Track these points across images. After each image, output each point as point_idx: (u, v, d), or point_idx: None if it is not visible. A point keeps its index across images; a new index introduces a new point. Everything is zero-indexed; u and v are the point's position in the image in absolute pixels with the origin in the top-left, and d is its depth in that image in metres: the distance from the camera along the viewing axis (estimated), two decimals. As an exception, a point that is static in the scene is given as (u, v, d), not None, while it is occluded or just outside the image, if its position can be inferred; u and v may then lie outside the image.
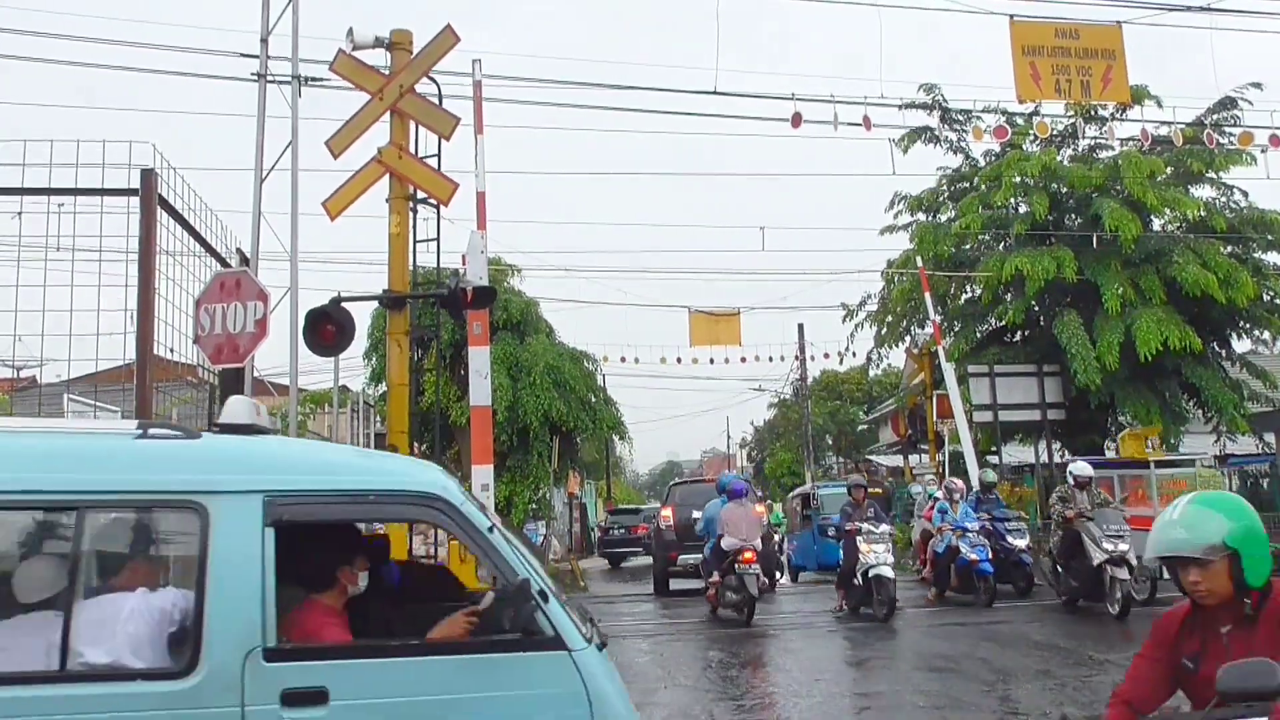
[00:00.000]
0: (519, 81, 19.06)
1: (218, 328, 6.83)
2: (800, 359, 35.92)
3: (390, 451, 7.78)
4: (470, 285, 8.73)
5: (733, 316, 24.29)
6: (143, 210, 6.41)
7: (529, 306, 23.54)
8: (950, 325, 24.84)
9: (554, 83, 16.64)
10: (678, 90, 31.41)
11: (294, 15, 11.84)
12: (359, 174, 8.55)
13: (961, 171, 25.05)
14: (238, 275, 7.06)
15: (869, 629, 12.51)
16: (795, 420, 45.79)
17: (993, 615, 13.12)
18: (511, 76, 18.17)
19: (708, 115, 19.59)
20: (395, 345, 8.16)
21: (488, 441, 11.31)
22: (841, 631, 12.58)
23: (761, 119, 26.13)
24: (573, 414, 22.26)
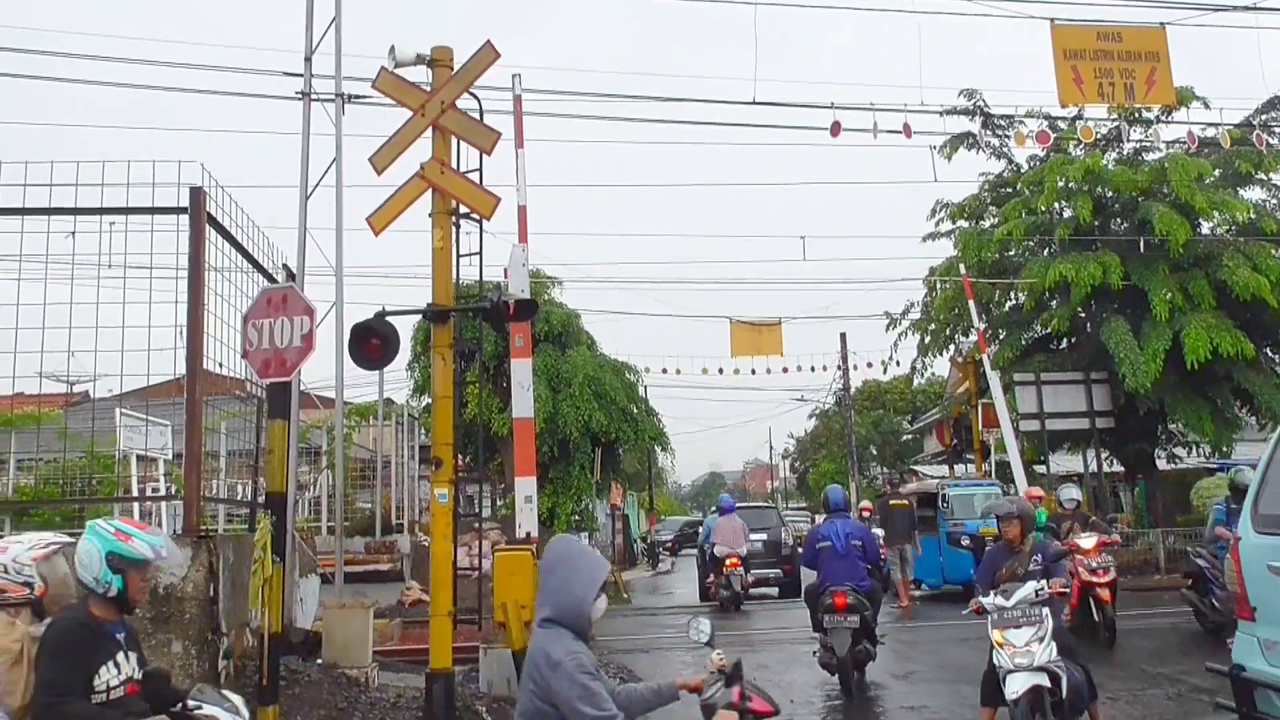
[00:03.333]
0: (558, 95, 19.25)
1: (265, 342, 6.91)
2: (843, 368, 35.72)
3: (436, 463, 7.83)
4: (512, 298, 8.77)
5: (774, 326, 24.23)
6: (192, 228, 6.53)
7: (570, 318, 23.63)
8: (995, 333, 24.56)
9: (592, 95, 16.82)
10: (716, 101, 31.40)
11: (337, 34, 12.05)
12: (402, 189, 8.63)
13: (1004, 177, 24.79)
14: (284, 291, 7.14)
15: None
16: (838, 430, 45.48)
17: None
18: (550, 90, 18.32)
19: (747, 125, 19.62)
20: (439, 358, 8.22)
21: (530, 453, 11.37)
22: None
23: (801, 128, 26.01)
24: (614, 425, 22.30)
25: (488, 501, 26.09)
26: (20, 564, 3.85)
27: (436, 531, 7.95)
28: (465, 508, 23.87)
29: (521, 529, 11.05)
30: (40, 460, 11.57)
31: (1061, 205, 23.04)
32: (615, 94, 32.71)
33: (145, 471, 11.40)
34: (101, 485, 11.61)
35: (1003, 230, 22.80)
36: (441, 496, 7.91)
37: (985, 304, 24.20)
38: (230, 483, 11.58)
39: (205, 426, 6.95)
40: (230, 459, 11.21)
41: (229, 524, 11.60)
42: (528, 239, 12.23)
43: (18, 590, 3.83)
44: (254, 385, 8.08)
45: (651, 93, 34.75)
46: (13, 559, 3.86)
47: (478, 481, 20.77)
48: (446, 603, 7.76)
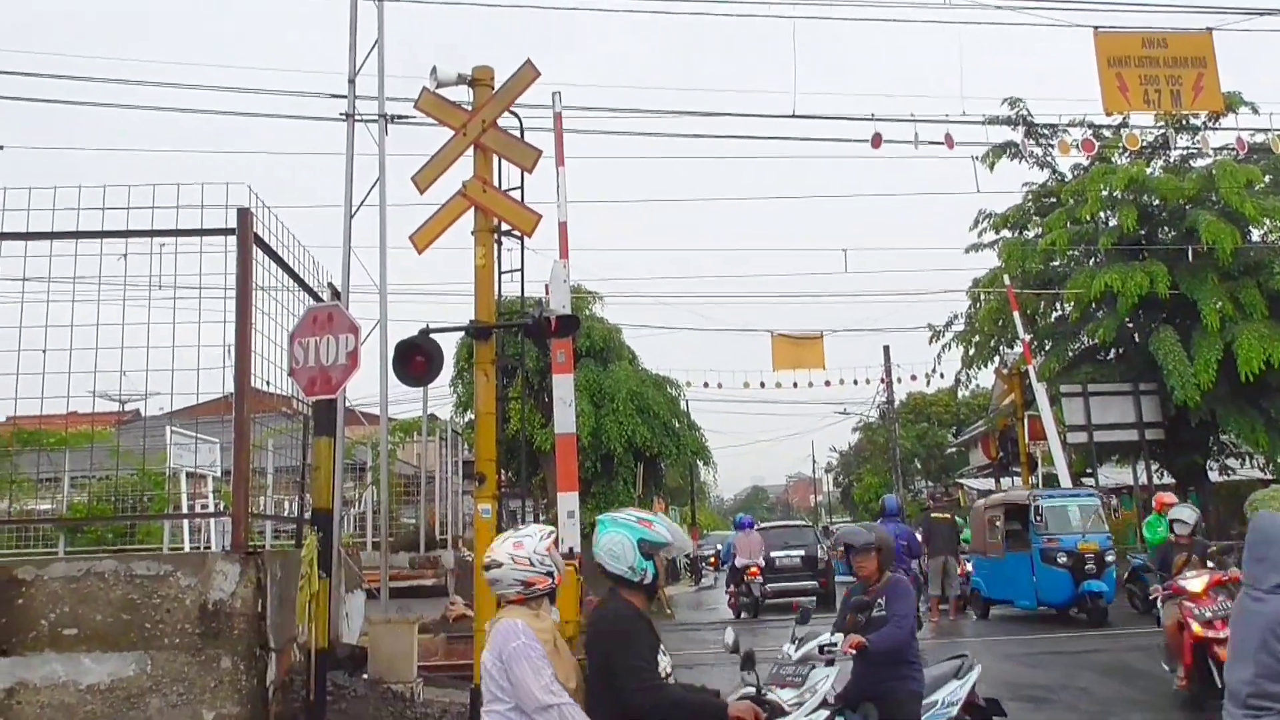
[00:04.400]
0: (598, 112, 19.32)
1: (311, 360, 7.00)
2: (886, 381, 35.43)
3: (480, 479, 7.87)
4: (554, 314, 8.82)
5: (816, 340, 24.09)
6: (239, 249, 6.62)
7: (611, 333, 23.68)
8: (1040, 344, 24.26)
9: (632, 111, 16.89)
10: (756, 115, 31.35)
11: (380, 56, 12.23)
12: (444, 208, 8.71)
13: (1048, 186, 24.53)
14: (329, 309, 7.23)
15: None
16: (882, 444, 45.08)
17: (1087, 644, 12.67)
18: (591, 107, 18.42)
19: (787, 138, 19.57)
20: (482, 374, 8.27)
21: (573, 468, 11.37)
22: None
23: (841, 140, 25.84)
24: (656, 439, 22.29)
25: (531, 517, 26.13)
26: (541, 555, 3.90)
27: (480, 547, 7.98)
28: (508, 523, 23.84)
29: (564, 544, 11.05)
30: (93, 478, 11.78)
31: (1106, 214, 22.74)
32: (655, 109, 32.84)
33: (194, 488, 11.57)
34: (152, 502, 11.80)
35: (1047, 240, 22.53)
36: (485, 512, 7.95)
37: (1030, 315, 23.92)
38: (277, 499, 11.72)
39: (253, 444, 7.03)
40: (277, 476, 11.35)
41: (276, 540, 11.72)
42: (569, 255, 12.27)
43: (543, 581, 3.89)
44: (300, 402, 8.17)
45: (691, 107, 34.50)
46: (533, 550, 3.90)
47: (520, 497, 20.80)
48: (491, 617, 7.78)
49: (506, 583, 3.86)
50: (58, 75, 13.69)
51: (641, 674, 3.64)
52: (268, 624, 6.26)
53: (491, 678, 3.71)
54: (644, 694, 3.62)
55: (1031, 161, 23.88)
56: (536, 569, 3.86)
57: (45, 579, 5.96)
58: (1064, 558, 15.17)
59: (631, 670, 3.65)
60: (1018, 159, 23.50)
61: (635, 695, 3.61)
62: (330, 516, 7.63)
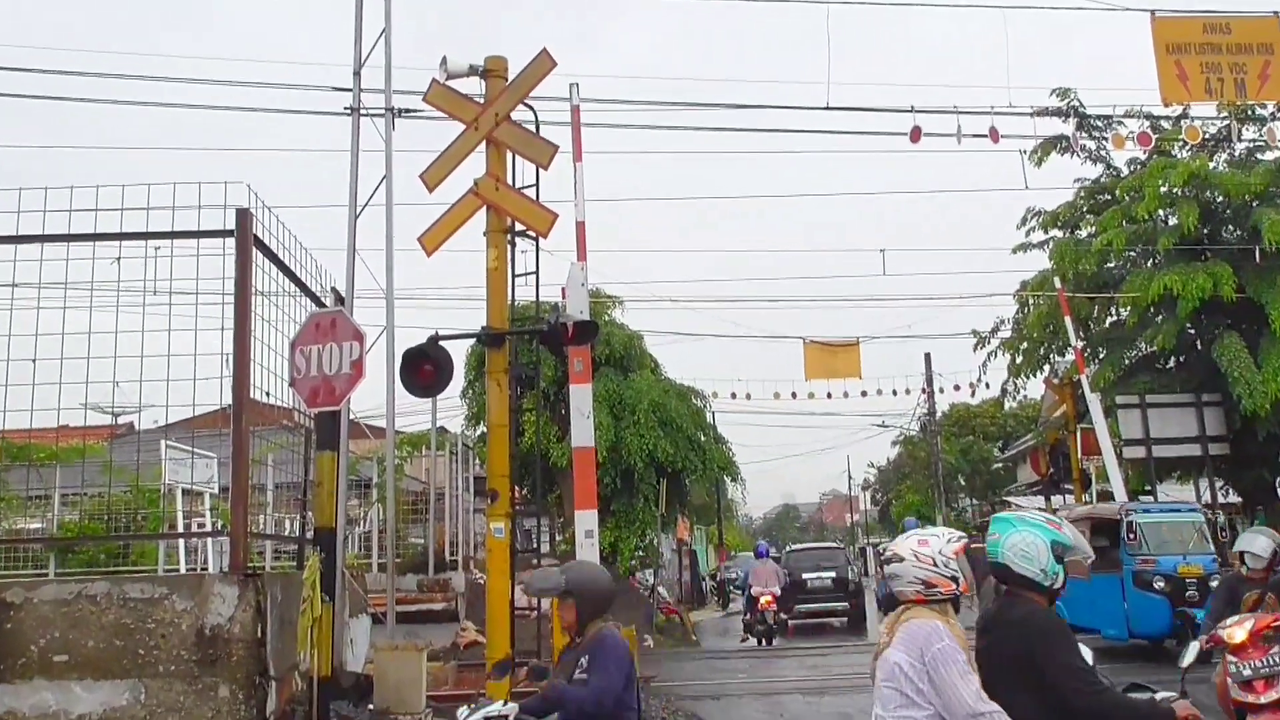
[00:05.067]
0: (618, 105, 19.35)
1: (313, 370, 7.04)
2: (928, 391, 35.29)
3: (492, 496, 7.89)
4: (571, 320, 8.84)
5: (851, 347, 24.02)
6: (238, 251, 6.67)
7: (632, 340, 23.67)
8: (1094, 351, 24.08)
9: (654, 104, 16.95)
10: (787, 107, 31.51)
11: (387, 47, 12.33)
12: (455, 207, 8.75)
13: (1102, 183, 24.37)
14: (333, 315, 7.28)
15: None
16: (923, 459, 44.87)
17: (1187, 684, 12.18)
18: (610, 100, 18.36)
19: (820, 132, 19.60)
20: (494, 384, 8.29)
21: (591, 484, 11.38)
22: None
23: (878, 134, 25.94)
24: (680, 454, 22.25)
25: (546, 536, 26.13)
26: (946, 557, 3.92)
27: (493, 568, 8.00)
28: (523, 543, 23.87)
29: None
30: (85, 495, 11.90)
31: (1165, 212, 22.56)
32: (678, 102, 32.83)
33: (191, 506, 11.65)
34: (147, 521, 11.90)
35: (1101, 240, 22.39)
36: (498, 531, 7.97)
37: (1083, 320, 23.75)
38: (277, 517, 11.78)
39: (252, 459, 7.07)
40: (277, 492, 11.41)
41: (277, 561, 11.78)
42: (586, 257, 12.31)
43: (946, 585, 3.90)
44: (302, 415, 8.22)
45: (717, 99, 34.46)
46: (938, 551, 3.92)
47: (536, 515, 20.86)
48: (503, 645, 7.79)
49: (906, 579, 3.89)
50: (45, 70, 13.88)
51: (1084, 675, 3.76)
52: (268, 650, 6.29)
53: (907, 679, 3.73)
54: (1088, 696, 3.72)
55: (1084, 156, 23.74)
56: (940, 570, 3.89)
57: (35, 602, 6.02)
58: (1161, 582, 14.22)
59: (1073, 671, 3.76)
60: (1069, 153, 23.35)
61: (1079, 696, 3.71)
62: (334, 536, 7.67)
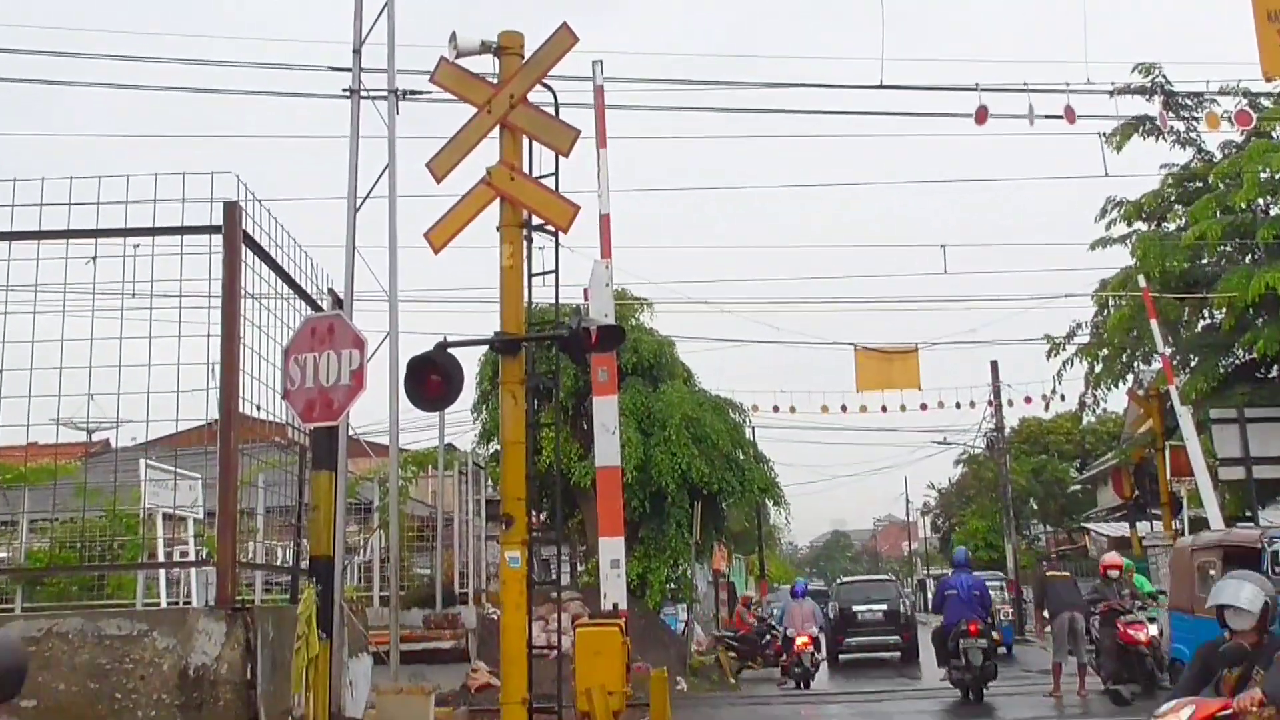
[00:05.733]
0: (646, 85, 19.37)
1: (309, 380, 7.08)
2: (995, 404, 35.05)
3: (507, 521, 7.89)
4: (594, 324, 8.82)
5: (909, 354, 23.92)
6: (226, 249, 6.72)
7: (662, 347, 23.67)
8: (1185, 359, 23.87)
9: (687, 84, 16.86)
10: (836, 86, 31.31)
11: (389, 22, 12.35)
12: (465, 199, 8.77)
13: (1192, 168, 24.18)
14: (330, 320, 7.32)
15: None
16: (990, 480, 44.54)
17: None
18: (638, 79, 18.42)
19: (873, 114, 19.38)
20: (509, 396, 8.30)
21: (617, 507, 11.38)
22: None
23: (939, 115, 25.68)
24: (716, 474, 22.21)
25: (567, 566, 26.09)
26: None
27: (508, 602, 8.00)
28: (541, 574, 23.87)
29: (607, 599, 11.04)
30: (56, 520, 11.99)
31: (1266, 201, 22.35)
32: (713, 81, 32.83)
33: (173, 532, 11.72)
34: (124, 549, 11.98)
35: (1192, 233, 22.19)
36: (513, 560, 7.97)
37: (1172, 323, 23.54)
38: (269, 545, 11.84)
39: (241, 480, 7.11)
40: (269, 517, 11.46)
41: (267, 593, 11.84)
42: (611, 253, 12.31)
43: None
44: (296, 431, 8.26)
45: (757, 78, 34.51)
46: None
47: (555, 543, 20.84)
48: (520, 688, 7.78)
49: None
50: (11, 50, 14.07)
51: None
52: (258, 693, 6.31)
53: None
54: None
55: (1171, 139, 23.56)
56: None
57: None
58: None
59: None
60: (1154, 136, 23.18)
61: None
62: (331, 566, 7.70)
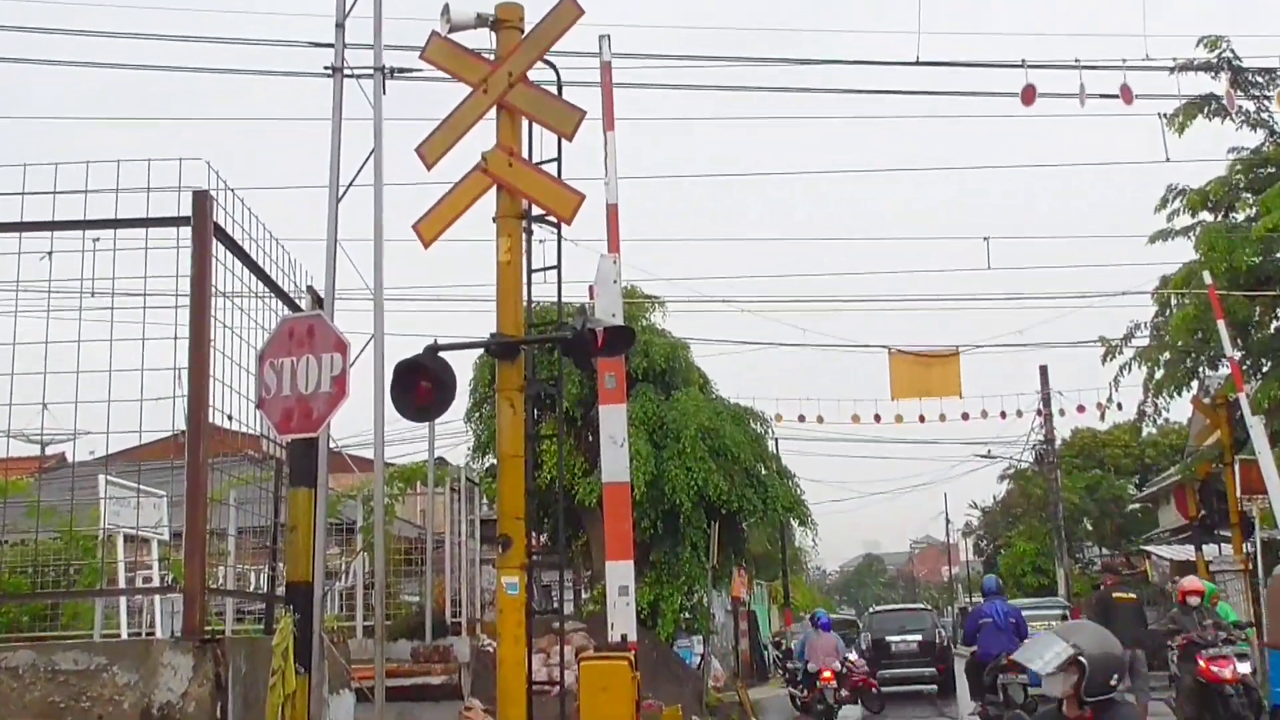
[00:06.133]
0: (658, 60, 19.36)
1: (286, 388, 7.06)
2: (1044, 414, 35.00)
3: (504, 543, 7.88)
4: (601, 325, 8.79)
5: (949, 358, 23.90)
6: (195, 243, 6.71)
7: (676, 350, 23.67)
8: (1256, 363, 23.78)
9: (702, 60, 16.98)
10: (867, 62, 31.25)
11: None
12: (459, 188, 8.77)
13: (1263, 153, 24.10)
14: (309, 321, 7.30)
15: None
16: (1039, 498, 44.45)
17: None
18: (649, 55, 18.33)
19: (908, 93, 19.40)
20: (506, 405, 8.28)
21: (626, 528, 11.36)
22: None
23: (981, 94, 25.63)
24: (736, 491, 22.19)
25: (570, 594, 26.07)
26: None
27: (505, 633, 7.97)
28: (542, 602, 23.83)
29: (615, 630, 11.01)
30: (5, 543, 11.99)
31: (1347, 188, 22.29)
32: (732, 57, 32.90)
33: (135, 556, 11.71)
34: (81, 574, 11.98)
35: (1263, 224, 22.11)
36: (511, 587, 7.95)
37: (1242, 324, 23.45)
38: (241, 569, 11.83)
39: (211, 497, 7.11)
40: (241, 539, 11.46)
41: (240, 623, 11.83)
42: (620, 247, 12.30)
43: None
44: (272, 443, 8.25)
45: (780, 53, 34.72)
46: None
47: (557, 567, 20.84)
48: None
49: None
50: (-34, 23, 14.09)
51: None
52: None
53: None
54: None
55: (1240, 120, 23.48)
56: None
57: (-56, 675, 6.07)
58: None
59: None
60: (1220, 117, 23.12)
61: None
62: (310, 592, 7.68)
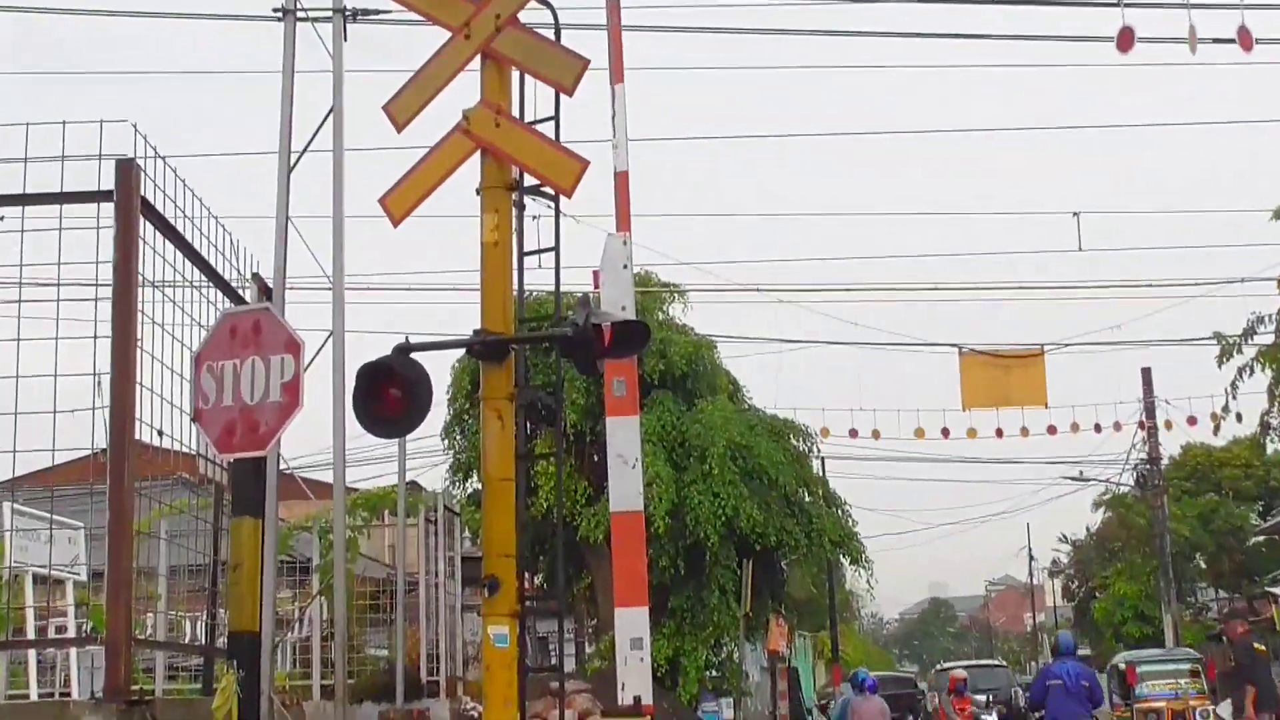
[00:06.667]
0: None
1: (227, 396, 7.12)
2: (1147, 426, 34.92)
3: (490, 585, 7.91)
4: (608, 319, 8.81)
5: (1032, 359, 23.86)
6: (119, 222, 6.74)
7: (700, 350, 23.63)
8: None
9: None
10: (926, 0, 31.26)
11: (335, -83, 12.42)
12: (435, 153, 8.80)
13: None
14: (255, 315, 7.36)
15: None
16: (1141, 529, 44.27)
17: None
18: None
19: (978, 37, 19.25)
20: (494, 418, 8.31)
21: (639, 567, 11.40)
22: None
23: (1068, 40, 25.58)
24: (773, 522, 22.16)
25: (572, 647, 26.06)
26: None
27: (493, 694, 8.02)
28: (538, 656, 23.72)
29: (626, 691, 11.05)
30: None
31: None
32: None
33: (47, 600, 11.77)
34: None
35: None
36: (499, 639, 7.99)
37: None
38: (175, 616, 11.86)
39: (137, 529, 7.15)
40: (175, 580, 11.49)
41: (172, 681, 11.87)
42: (631, 225, 12.33)
43: None
44: (211, 464, 8.30)
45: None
46: None
47: (556, 615, 20.84)
48: (510, 808, 7.80)
49: None
50: None
51: None
52: (161, 814, 6.36)
53: None
54: None
55: (1387, 66, 23.48)
56: None
57: None
58: None
59: None
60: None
61: None
62: (257, 644, 7.74)
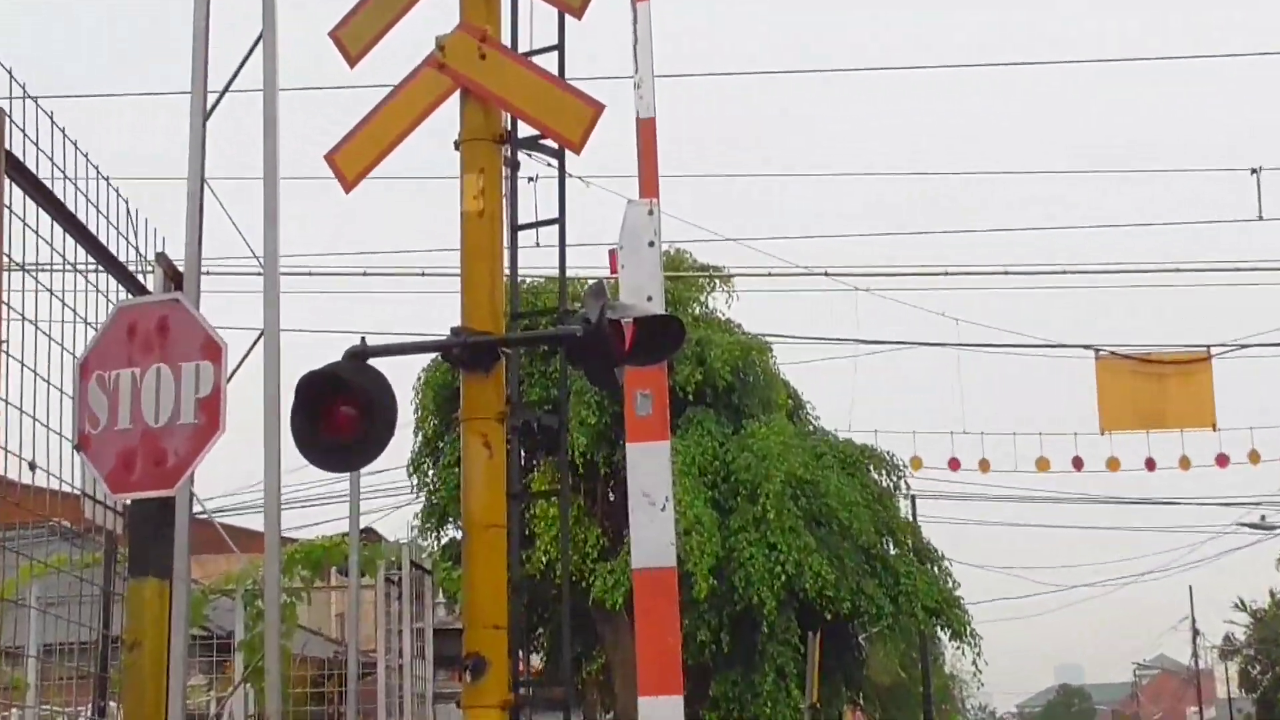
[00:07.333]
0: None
1: (123, 417, 7.07)
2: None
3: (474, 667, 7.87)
4: (629, 313, 8.73)
5: (1195, 364, 23.75)
6: (-26, 184, 6.75)
7: (750, 354, 23.63)
8: None
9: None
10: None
11: None
12: (399, 94, 8.79)
13: None
14: (162, 309, 7.32)
15: None
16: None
17: None
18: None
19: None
20: (478, 444, 8.27)
21: (671, 642, 11.34)
22: None
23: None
24: (848, 583, 22.17)
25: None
26: None
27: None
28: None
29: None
30: None
31: None
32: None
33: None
34: None
35: None
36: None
37: None
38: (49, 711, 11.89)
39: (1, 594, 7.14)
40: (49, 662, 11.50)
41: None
42: (658, 190, 12.27)
43: None
44: (101, 507, 8.28)
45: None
46: None
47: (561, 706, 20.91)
48: None
49: None
50: None
51: None
52: None
53: None
54: None
55: None
56: None
57: None
58: None
59: None
60: None
61: None
62: (162, 748, 7.71)
